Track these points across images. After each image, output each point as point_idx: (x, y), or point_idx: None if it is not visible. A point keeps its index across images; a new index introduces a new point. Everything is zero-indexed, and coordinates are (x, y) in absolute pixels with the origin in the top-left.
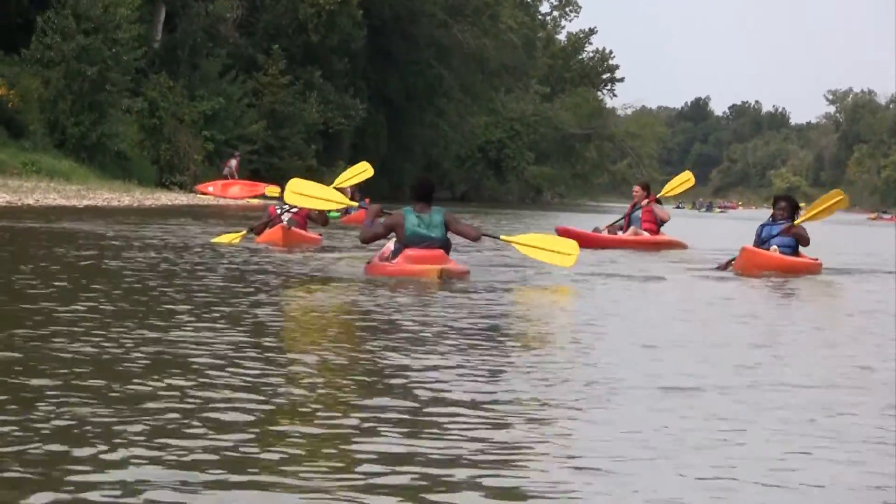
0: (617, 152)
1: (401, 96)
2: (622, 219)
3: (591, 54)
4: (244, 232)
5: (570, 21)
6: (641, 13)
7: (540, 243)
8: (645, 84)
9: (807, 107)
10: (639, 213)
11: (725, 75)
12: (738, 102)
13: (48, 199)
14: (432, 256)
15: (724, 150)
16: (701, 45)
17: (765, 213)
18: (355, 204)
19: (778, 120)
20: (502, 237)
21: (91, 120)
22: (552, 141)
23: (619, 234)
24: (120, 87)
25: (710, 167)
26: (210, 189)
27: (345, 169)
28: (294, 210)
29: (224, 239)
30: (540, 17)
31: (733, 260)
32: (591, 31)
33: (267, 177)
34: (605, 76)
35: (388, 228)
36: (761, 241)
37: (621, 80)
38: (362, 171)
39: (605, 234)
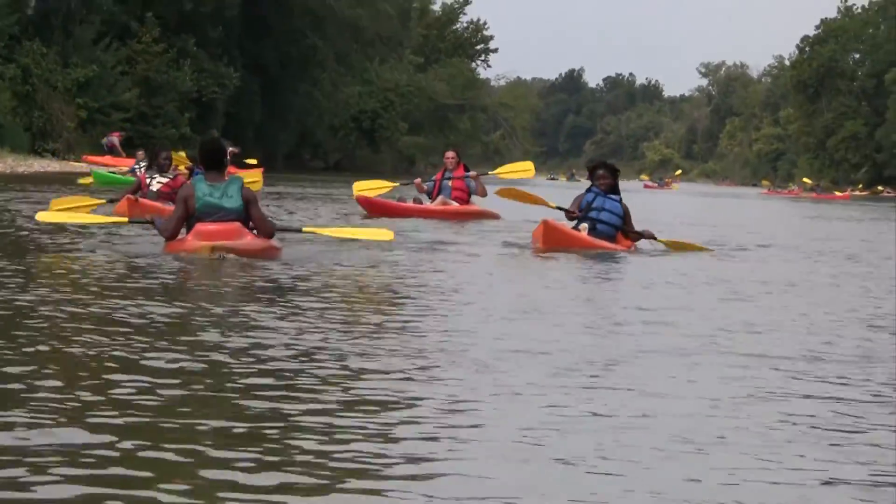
0: (490, 123)
1: (275, 65)
2: (432, 187)
3: (466, 25)
4: (102, 201)
5: None
6: None
7: (351, 234)
8: (519, 55)
9: (680, 79)
10: (449, 181)
11: (599, 48)
12: (612, 74)
13: None
14: (225, 231)
15: (598, 122)
16: (575, 17)
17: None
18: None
19: (651, 92)
20: (305, 229)
21: None
22: (426, 111)
23: (426, 203)
24: None
25: (583, 139)
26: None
27: (219, 137)
28: (168, 178)
29: (61, 208)
30: None
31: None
32: (466, 2)
33: (140, 145)
34: (479, 47)
35: (182, 204)
36: (593, 211)
37: (495, 50)
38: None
39: (417, 190)
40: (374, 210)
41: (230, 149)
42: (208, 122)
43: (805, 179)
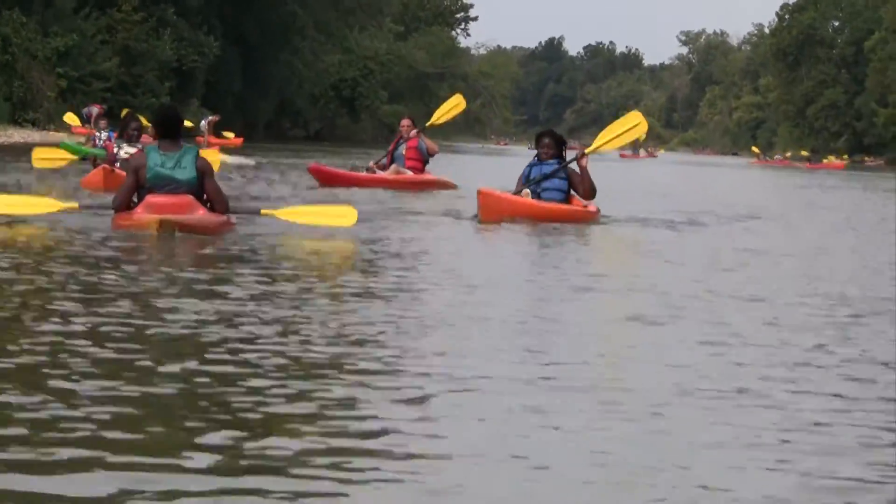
0: (470, 92)
1: (255, 34)
2: (385, 156)
3: None
4: (77, 158)
5: None
6: None
7: (312, 214)
8: (499, 23)
9: (660, 48)
10: (402, 149)
11: (580, 16)
12: (593, 43)
13: None
14: (176, 203)
15: (578, 90)
16: None
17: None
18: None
19: (631, 61)
20: (263, 211)
21: None
22: (406, 80)
23: (380, 172)
24: None
25: (563, 107)
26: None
27: (199, 106)
28: (137, 147)
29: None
30: None
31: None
32: None
33: (120, 114)
34: (459, 15)
35: (133, 174)
36: (533, 183)
37: (475, 18)
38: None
39: (371, 172)
40: (326, 180)
41: (210, 117)
42: (188, 91)
43: (803, 152)
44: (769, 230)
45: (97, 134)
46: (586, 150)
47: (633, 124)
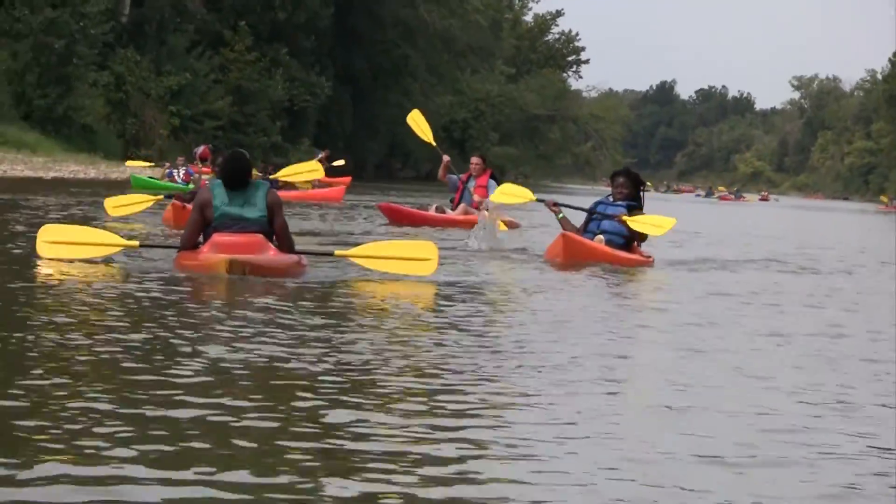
0: (581, 134)
1: (366, 75)
2: (454, 193)
3: (557, 36)
4: (159, 197)
5: (537, 2)
6: None
7: (387, 251)
8: (611, 67)
9: (772, 92)
10: (472, 187)
11: (692, 60)
12: (705, 87)
13: (15, 170)
14: (246, 243)
15: (689, 133)
16: (668, 29)
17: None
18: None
19: (743, 105)
20: (337, 252)
21: (58, 93)
22: (516, 122)
23: (448, 212)
24: (87, 60)
25: (674, 150)
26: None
27: (310, 145)
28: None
29: (120, 205)
30: None
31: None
32: (558, 13)
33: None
34: (570, 58)
35: (199, 211)
36: (592, 222)
37: (587, 61)
38: (311, 170)
39: (440, 211)
40: (396, 218)
41: (320, 154)
42: (300, 130)
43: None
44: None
45: (174, 170)
46: (622, 217)
47: (660, 225)
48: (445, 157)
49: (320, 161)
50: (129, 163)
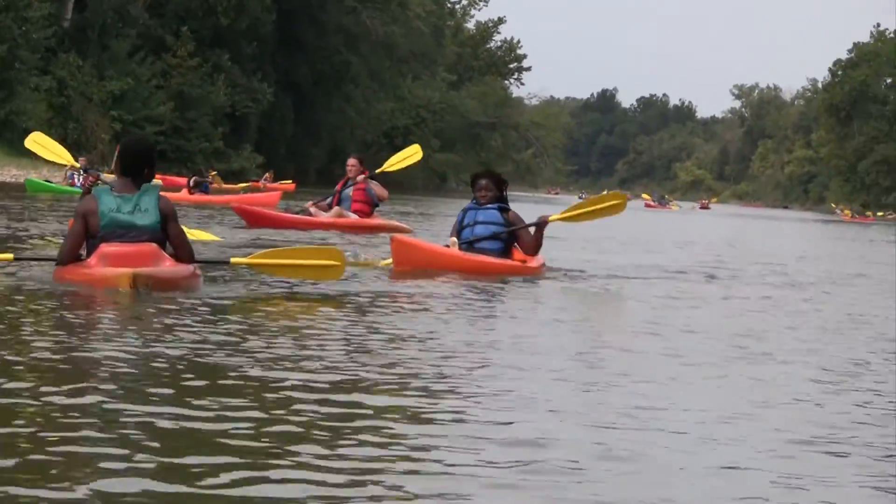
0: (522, 141)
1: (308, 81)
2: (332, 196)
3: (499, 43)
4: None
5: (479, 10)
6: (550, 3)
7: (289, 257)
8: (552, 75)
9: (713, 101)
10: (350, 191)
11: (633, 68)
12: (646, 95)
13: None
14: (139, 253)
15: (631, 141)
16: (609, 38)
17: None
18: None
19: (684, 113)
20: (233, 260)
21: (0, 97)
22: (458, 129)
23: (322, 214)
24: (29, 65)
25: (616, 158)
26: None
27: (251, 151)
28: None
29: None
30: (449, 5)
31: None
32: (500, 21)
33: (173, 158)
34: (512, 65)
35: (81, 221)
36: (466, 229)
37: (528, 69)
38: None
39: (311, 212)
40: (253, 220)
41: (265, 175)
42: (241, 136)
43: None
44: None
45: (74, 173)
46: (550, 218)
47: (612, 202)
48: (308, 204)
49: (265, 181)
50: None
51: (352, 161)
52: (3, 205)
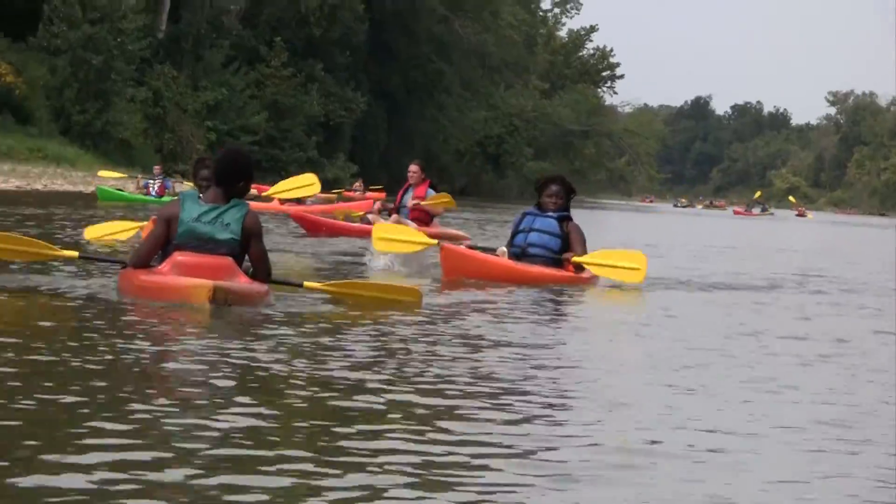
0: (616, 149)
1: (401, 90)
2: (394, 201)
3: (592, 51)
4: (141, 225)
5: (571, 18)
6: (643, 11)
7: (367, 290)
8: (646, 82)
9: (808, 108)
10: (409, 199)
11: (727, 75)
12: (740, 102)
13: (55, 184)
14: (214, 265)
15: (725, 149)
16: (703, 45)
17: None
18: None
19: (779, 120)
20: (307, 284)
21: (96, 108)
22: (551, 137)
23: (380, 222)
24: (125, 76)
25: (710, 166)
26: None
27: (345, 160)
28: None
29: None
30: (541, 13)
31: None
32: (592, 29)
33: (268, 168)
34: (605, 73)
35: (163, 225)
36: (520, 234)
37: (621, 77)
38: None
39: (369, 219)
40: (312, 228)
41: (356, 184)
42: (335, 145)
43: None
44: None
45: (149, 181)
46: (573, 259)
47: (631, 265)
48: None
49: (355, 189)
50: (101, 173)
51: (413, 167)
52: (87, 213)
